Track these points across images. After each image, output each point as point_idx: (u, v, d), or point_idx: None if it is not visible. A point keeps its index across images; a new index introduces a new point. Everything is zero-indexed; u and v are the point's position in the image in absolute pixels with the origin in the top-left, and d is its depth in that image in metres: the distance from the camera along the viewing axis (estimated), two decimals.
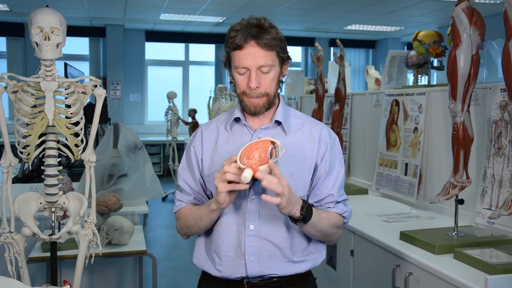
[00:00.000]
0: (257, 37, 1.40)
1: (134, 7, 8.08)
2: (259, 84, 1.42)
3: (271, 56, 1.43)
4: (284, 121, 1.52)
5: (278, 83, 1.50)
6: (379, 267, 2.18)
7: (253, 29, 1.40)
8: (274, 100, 1.50)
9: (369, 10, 8.01)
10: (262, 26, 1.41)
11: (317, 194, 1.52)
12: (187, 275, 4.34)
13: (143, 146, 3.51)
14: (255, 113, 1.48)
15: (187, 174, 1.58)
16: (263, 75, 1.43)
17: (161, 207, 7.02)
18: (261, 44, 1.40)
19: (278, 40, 1.43)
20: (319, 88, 3.52)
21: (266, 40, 1.40)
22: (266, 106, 1.47)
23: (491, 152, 2.17)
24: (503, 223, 2.07)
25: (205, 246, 1.56)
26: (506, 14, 1.72)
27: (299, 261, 1.51)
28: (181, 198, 1.60)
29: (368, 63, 11.29)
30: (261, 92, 1.44)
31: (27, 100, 1.83)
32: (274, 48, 1.43)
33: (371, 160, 3.34)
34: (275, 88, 1.48)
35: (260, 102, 1.45)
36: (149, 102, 10.39)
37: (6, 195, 1.89)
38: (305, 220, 1.40)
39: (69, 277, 2.07)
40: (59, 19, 1.82)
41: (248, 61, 1.41)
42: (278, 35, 1.44)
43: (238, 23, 1.44)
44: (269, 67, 1.42)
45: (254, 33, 1.39)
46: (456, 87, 1.96)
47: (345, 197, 1.57)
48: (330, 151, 1.52)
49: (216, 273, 1.50)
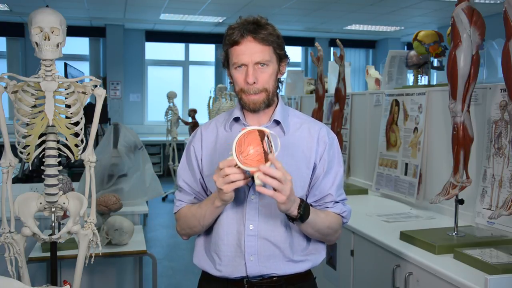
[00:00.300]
0: (253, 32, 1.41)
1: (134, 7, 8.08)
2: (256, 80, 1.43)
3: (268, 52, 1.44)
4: (283, 121, 1.52)
5: (277, 81, 1.50)
6: (379, 267, 2.18)
7: (250, 25, 1.42)
8: (273, 98, 1.50)
9: (369, 10, 8.01)
10: (258, 23, 1.43)
11: (316, 194, 1.52)
12: (187, 275, 4.34)
13: (143, 146, 3.51)
14: (255, 109, 1.47)
15: (187, 174, 1.58)
16: (261, 70, 1.43)
17: (161, 207, 7.02)
18: (258, 38, 1.41)
19: (275, 36, 1.45)
20: (319, 88, 3.52)
21: (262, 35, 1.41)
22: (266, 102, 1.47)
23: (491, 152, 2.17)
24: (503, 223, 2.07)
25: (205, 246, 1.56)
26: (506, 14, 1.72)
27: (299, 260, 1.51)
28: (181, 198, 1.60)
29: (368, 63, 11.29)
30: (259, 87, 1.44)
31: (27, 100, 1.83)
32: (271, 43, 1.44)
33: (371, 160, 3.34)
34: (273, 84, 1.48)
35: (259, 98, 1.45)
36: (149, 102, 10.39)
37: (6, 195, 1.89)
38: (302, 219, 1.39)
39: (69, 277, 2.07)
40: (59, 19, 1.82)
41: (246, 56, 1.42)
42: (275, 31, 1.46)
43: (236, 22, 1.46)
44: (267, 62, 1.43)
45: (250, 29, 1.41)
46: (456, 87, 1.96)
47: (344, 197, 1.57)
48: (329, 150, 1.52)
49: (216, 273, 1.51)
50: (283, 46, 1.49)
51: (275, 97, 1.51)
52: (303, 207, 1.38)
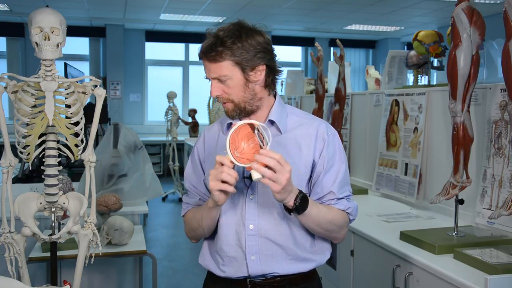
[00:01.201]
0: (205, 53, 1.44)
1: (134, 7, 8.08)
2: (219, 92, 1.46)
3: (224, 67, 1.43)
4: (279, 120, 1.51)
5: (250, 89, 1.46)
6: (379, 267, 2.18)
7: (206, 45, 1.44)
8: (250, 105, 1.47)
9: (369, 10, 8.01)
10: (214, 42, 1.43)
11: (318, 192, 1.51)
12: (187, 275, 4.34)
13: (143, 146, 3.51)
14: (231, 117, 1.50)
15: (193, 176, 1.62)
16: (223, 84, 1.46)
17: (161, 207, 7.02)
18: (210, 58, 1.44)
19: (233, 50, 1.41)
20: (319, 88, 3.52)
21: (214, 53, 1.42)
22: (237, 111, 1.48)
23: (491, 152, 2.17)
24: (503, 223, 2.07)
25: (209, 247, 1.59)
26: (506, 14, 1.72)
27: (302, 259, 1.50)
28: (187, 201, 1.63)
29: (368, 63, 11.29)
30: (224, 98, 1.47)
31: (27, 100, 1.83)
32: (228, 58, 1.42)
33: (371, 160, 3.34)
34: (241, 95, 1.46)
35: (228, 107, 1.48)
36: (149, 102, 10.39)
37: (6, 195, 1.89)
38: (298, 211, 1.38)
39: (69, 277, 2.07)
40: (59, 19, 1.82)
41: (206, 73, 1.48)
42: (234, 44, 1.41)
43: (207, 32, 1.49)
44: (224, 77, 1.44)
45: (205, 50, 1.44)
46: (456, 87, 1.96)
47: (349, 193, 1.55)
48: (328, 147, 1.51)
49: (220, 273, 1.52)
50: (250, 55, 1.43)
51: (256, 102, 1.48)
52: (300, 198, 1.36)
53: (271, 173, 1.26)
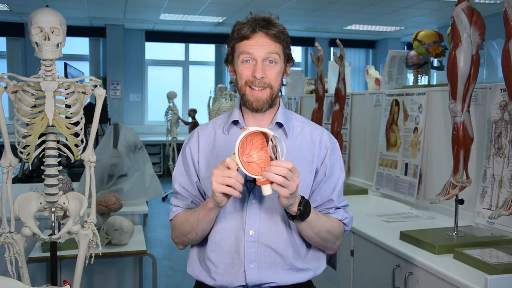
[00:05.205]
0: (266, 28, 1.40)
1: (134, 7, 8.08)
2: (264, 75, 1.40)
3: (278, 49, 1.42)
4: (286, 123, 1.48)
5: (281, 82, 1.47)
6: (379, 267, 2.18)
7: (261, 22, 1.41)
8: (276, 99, 1.46)
9: (369, 10, 8.01)
10: (270, 20, 1.42)
11: (317, 200, 1.48)
12: (187, 275, 4.29)
13: (143, 146, 3.51)
14: (257, 108, 1.43)
15: (183, 177, 1.53)
16: (269, 67, 1.41)
17: (161, 207, 7.02)
18: (270, 34, 1.40)
19: (285, 35, 1.44)
20: (319, 88, 3.52)
21: (274, 31, 1.40)
22: (269, 102, 1.43)
23: (491, 152, 2.17)
24: (503, 223, 2.07)
25: (199, 255, 1.51)
26: (506, 14, 1.72)
27: (300, 269, 1.46)
28: (177, 204, 1.54)
29: (368, 63, 11.29)
30: (266, 82, 1.41)
31: (27, 100, 1.82)
32: (281, 41, 1.42)
33: (371, 160, 3.34)
34: (279, 83, 1.45)
35: (263, 95, 1.41)
36: (149, 102, 10.39)
37: (6, 195, 1.89)
38: (302, 217, 1.34)
39: (69, 277, 2.07)
40: (59, 19, 1.82)
41: (256, 50, 1.39)
42: (285, 30, 1.45)
43: (245, 18, 1.44)
44: (275, 60, 1.41)
45: (262, 24, 1.40)
46: (456, 87, 1.96)
47: (346, 203, 1.53)
48: (331, 155, 1.49)
49: (210, 281, 1.45)
50: (290, 47, 1.47)
51: (277, 99, 1.48)
52: (304, 204, 1.33)
53: (282, 180, 1.20)
